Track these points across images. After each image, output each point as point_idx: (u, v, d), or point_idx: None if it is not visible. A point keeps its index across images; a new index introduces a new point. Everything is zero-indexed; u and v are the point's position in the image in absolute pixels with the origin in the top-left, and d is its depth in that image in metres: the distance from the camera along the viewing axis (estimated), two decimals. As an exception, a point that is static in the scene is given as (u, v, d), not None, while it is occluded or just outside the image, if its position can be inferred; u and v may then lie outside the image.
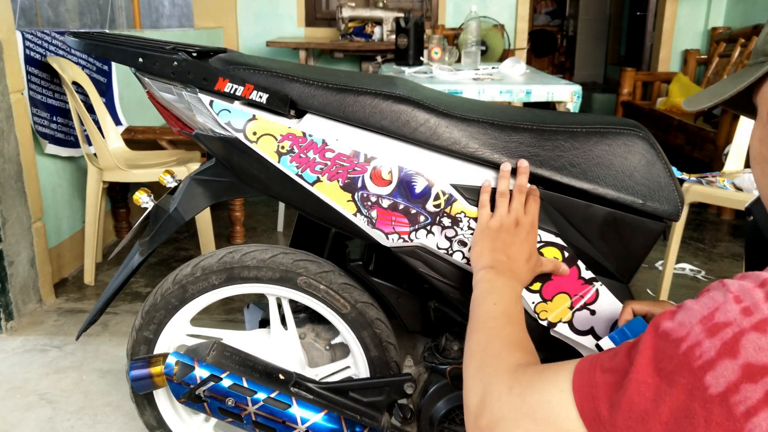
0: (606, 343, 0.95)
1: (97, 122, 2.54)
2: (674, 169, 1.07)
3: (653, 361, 0.53)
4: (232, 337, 1.21)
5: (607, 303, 1.04)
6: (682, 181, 2.31)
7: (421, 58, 2.98)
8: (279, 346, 1.20)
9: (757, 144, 0.61)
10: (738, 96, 0.64)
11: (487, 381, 0.69)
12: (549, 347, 1.08)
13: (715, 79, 4.09)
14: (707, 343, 0.50)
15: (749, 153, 0.63)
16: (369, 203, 1.02)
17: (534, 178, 1.04)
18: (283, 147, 1.02)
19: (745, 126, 2.46)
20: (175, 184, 1.23)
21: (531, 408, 0.62)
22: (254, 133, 1.02)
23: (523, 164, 1.00)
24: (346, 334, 1.17)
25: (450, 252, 1.03)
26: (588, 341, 1.05)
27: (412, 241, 1.04)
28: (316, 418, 1.10)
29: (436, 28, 4.47)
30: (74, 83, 2.41)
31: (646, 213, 1.03)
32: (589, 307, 1.04)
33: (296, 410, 1.10)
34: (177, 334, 1.20)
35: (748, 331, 0.49)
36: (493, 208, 1.00)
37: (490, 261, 0.94)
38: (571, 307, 1.04)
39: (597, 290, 1.04)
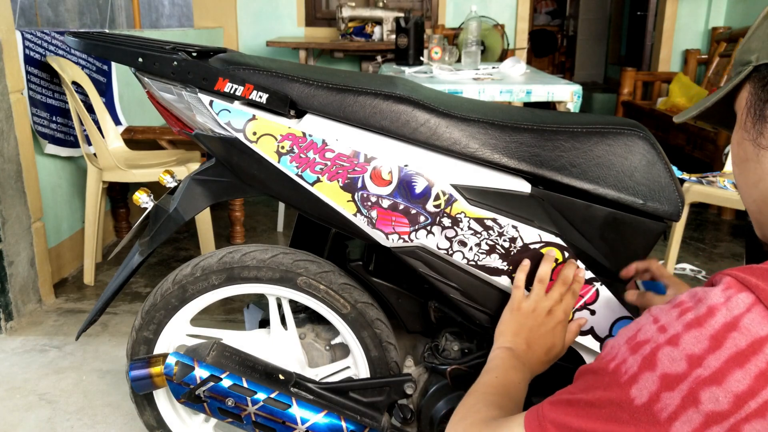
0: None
1: (96, 122, 2.54)
2: (675, 169, 1.07)
3: (591, 383, 0.60)
4: (232, 337, 1.21)
5: (607, 303, 1.04)
6: (682, 181, 2.31)
7: (421, 58, 2.98)
8: (279, 346, 1.20)
9: (736, 147, 0.65)
10: (723, 110, 0.67)
11: (461, 429, 0.75)
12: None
13: (715, 79, 4.09)
14: (630, 359, 0.57)
15: (731, 157, 0.67)
16: (369, 203, 1.02)
17: (535, 178, 1.04)
18: (283, 147, 1.02)
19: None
20: (175, 184, 1.23)
21: None
22: (254, 133, 1.02)
23: (572, 262, 1.01)
24: (346, 335, 1.17)
25: (450, 252, 1.03)
26: (588, 341, 1.05)
27: (412, 241, 1.03)
28: (316, 418, 1.10)
29: (436, 28, 4.47)
30: (74, 83, 2.40)
31: (647, 213, 1.03)
32: (589, 307, 1.04)
33: (296, 410, 1.09)
34: (177, 334, 1.20)
35: (663, 346, 0.54)
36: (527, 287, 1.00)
37: (510, 343, 0.95)
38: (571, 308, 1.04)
39: (597, 290, 1.04)
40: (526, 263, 1.01)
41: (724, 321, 0.52)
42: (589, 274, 1.03)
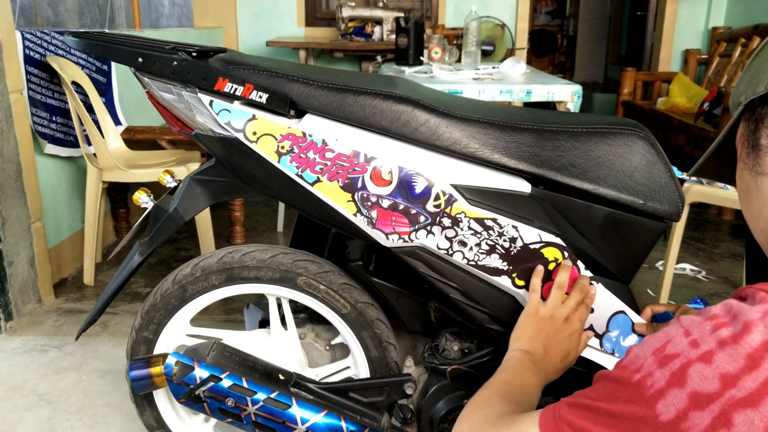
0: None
1: (96, 122, 2.54)
2: (675, 169, 1.07)
3: (612, 392, 0.57)
4: (232, 337, 1.21)
5: (604, 300, 1.04)
6: (682, 181, 2.31)
7: (421, 58, 2.98)
8: (279, 346, 1.20)
9: (738, 181, 0.67)
10: (726, 162, 0.70)
11: (475, 421, 0.74)
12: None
13: (715, 79, 4.09)
14: (658, 373, 0.54)
15: (737, 193, 0.69)
16: (369, 203, 1.02)
17: (535, 178, 1.04)
18: (283, 147, 1.02)
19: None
20: (175, 184, 1.23)
21: None
22: (254, 133, 1.02)
23: (587, 277, 1.02)
24: (346, 335, 1.17)
25: (450, 252, 1.03)
26: (589, 339, 1.05)
27: (412, 241, 1.03)
28: (316, 418, 1.10)
29: (436, 28, 4.47)
30: (74, 83, 2.40)
31: (647, 213, 1.03)
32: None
33: (296, 410, 1.09)
34: (177, 334, 1.20)
35: (695, 362, 0.52)
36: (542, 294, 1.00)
37: (527, 347, 0.94)
38: (571, 308, 1.05)
39: (594, 288, 1.04)
40: (540, 269, 1.01)
41: (762, 339, 0.50)
42: (588, 274, 1.04)
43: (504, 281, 1.04)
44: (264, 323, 1.26)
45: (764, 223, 0.63)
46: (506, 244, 1.02)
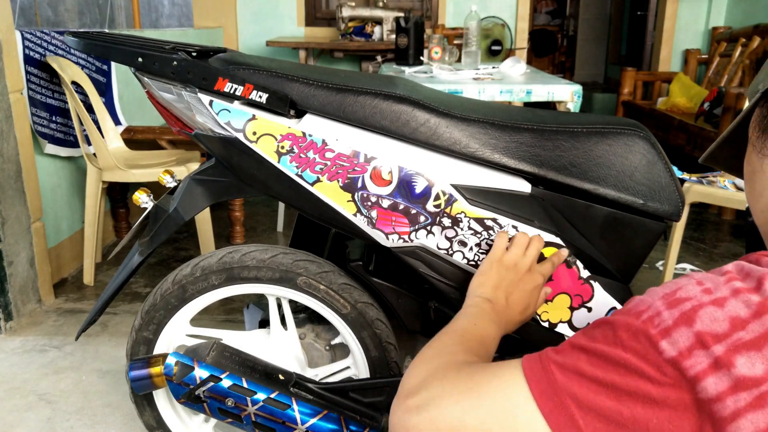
0: None
1: (96, 122, 2.54)
2: (675, 169, 1.07)
3: (611, 335, 0.56)
4: (232, 338, 1.21)
5: (602, 299, 1.04)
6: (682, 181, 2.31)
7: (421, 58, 2.97)
8: (279, 346, 1.20)
9: (746, 165, 0.68)
10: (738, 152, 0.71)
11: (434, 366, 0.69)
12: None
13: (715, 79, 4.09)
14: (666, 313, 0.53)
15: (744, 176, 0.70)
16: (369, 203, 1.02)
17: (535, 178, 1.04)
18: (282, 147, 1.02)
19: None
20: (175, 184, 1.23)
21: (477, 383, 0.62)
22: (254, 133, 1.02)
23: (543, 239, 1.00)
24: (346, 335, 1.17)
25: (450, 252, 1.03)
26: None
27: (412, 241, 1.03)
28: (316, 418, 1.10)
29: (436, 28, 4.47)
30: (74, 83, 2.40)
31: (647, 213, 1.03)
32: (586, 305, 1.04)
33: (296, 410, 1.09)
34: (176, 334, 1.20)
35: (707, 305, 0.52)
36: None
37: (490, 295, 0.92)
38: (570, 307, 1.05)
39: (593, 287, 1.04)
40: (505, 232, 0.99)
41: None
42: (587, 273, 1.03)
43: (504, 281, 1.04)
44: (264, 323, 1.26)
45: (764, 205, 0.64)
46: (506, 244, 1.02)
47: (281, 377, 1.13)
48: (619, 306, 1.05)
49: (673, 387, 0.51)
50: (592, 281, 1.04)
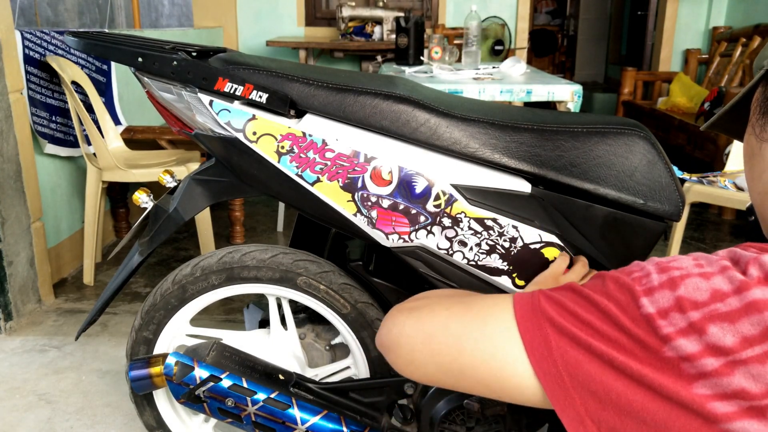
0: None
1: (96, 122, 2.54)
2: (675, 168, 1.07)
3: (600, 285, 0.60)
4: (232, 338, 1.21)
5: None
6: (683, 181, 2.31)
7: (422, 58, 2.97)
8: (279, 346, 1.20)
9: (745, 145, 0.69)
10: (741, 116, 0.72)
11: (421, 313, 0.70)
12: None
13: (715, 79, 4.09)
14: (655, 276, 0.57)
15: (743, 155, 0.71)
16: (369, 203, 1.02)
17: (535, 178, 1.04)
18: (282, 147, 1.02)
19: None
20: (175, 184, 1.23)
21: (470, 301, 0.67)
22: (254, 133, 1.02)
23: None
24: (346, 335, 1.16)
25: (450, 252, 1.03)
26: None
27: (412, 241, 1.03)
28: (316, 418, 1.10)
29: (436, 28, 4.47)
30: (73, 83, 2.40)
31: (647, 213, 1.03)
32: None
33: (296, 411, 1.09)
34: (176, 334, 1.20)
35: (694, 276, 0.55)
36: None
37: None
38: (571, 308, 1.04)
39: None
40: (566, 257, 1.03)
41: (758, 275, 0.53)
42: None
43: (504, 281, 1.04)
44: (264, 323, 1.26)
45: (762, 187, 0.65)
46: (506, 244, 1.02)
47: (281, 377, 1.13)
48: None
49: (641, 342, 0.54)
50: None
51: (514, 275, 1.03)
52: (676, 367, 0.52)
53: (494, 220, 1.01)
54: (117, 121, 2.80)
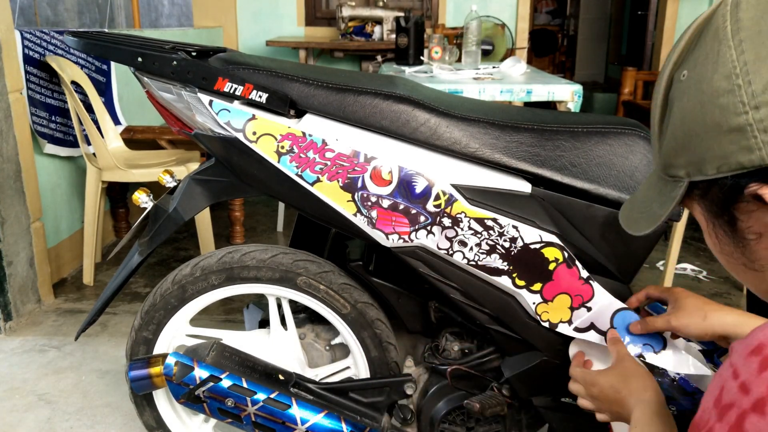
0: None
1: (96, 122, 2.54)
2: (675, 168, 1.06)
3: None
4: (232, 338, 1.21)
5: (602, 298, 1.04)
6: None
7: (422, 58, 2.97)
8: (279, 346, 1.20)
9: (721, 257, 0.62)
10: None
11: None
12: (549, 348, 1.08)
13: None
14: (718, 427, 0.54)
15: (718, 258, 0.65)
16: (369, 203, 1.02)
17: (535, 178, 1.03)
18: (282, 147, 1.02)
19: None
20: (175, 183, 1.23)
21: None
22: (254, 133, 1.02)
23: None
24: (346, 335, 1.16)
25: (450, 252, 1.03)
26: (593, 336, 1.04)
27: (412, 241, 1.03)
28: (316, 418, 1.10)
29: (436, 28, 4.47)
30: (73, 83, 2.40)
31: (648, 213, 1.02)
32: (586, 304, 1.04)
33: (296, 411, 1.09)
34: (176, 334, 1.19)
35: (749, 413, 0.51)
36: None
37: (653, 398, 0.88)
38: (570, 307, 1.04)
39: (593, 287, 1.04)
40: (616, 335, 1.00)
41: None
42: (586, 273, 1.03)
43: (504, 281, 1.04)
44: (264, 323, 1.26)
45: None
46: (506, 244, 1.02)
47: (281, 377, 1.13)
48: (619, 305, 1.04)
49: None
50: (592, 281, 1.03)
51: (514, 275, 1.03)
52: None
53: (494, 220, 1.01)
54: (117, 121, 2.80)
